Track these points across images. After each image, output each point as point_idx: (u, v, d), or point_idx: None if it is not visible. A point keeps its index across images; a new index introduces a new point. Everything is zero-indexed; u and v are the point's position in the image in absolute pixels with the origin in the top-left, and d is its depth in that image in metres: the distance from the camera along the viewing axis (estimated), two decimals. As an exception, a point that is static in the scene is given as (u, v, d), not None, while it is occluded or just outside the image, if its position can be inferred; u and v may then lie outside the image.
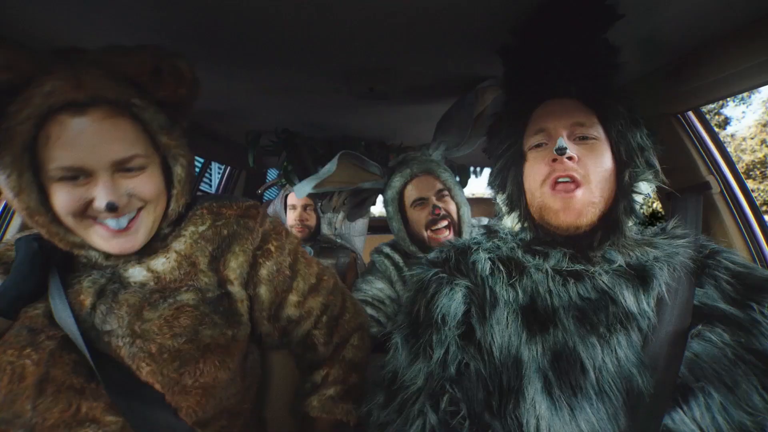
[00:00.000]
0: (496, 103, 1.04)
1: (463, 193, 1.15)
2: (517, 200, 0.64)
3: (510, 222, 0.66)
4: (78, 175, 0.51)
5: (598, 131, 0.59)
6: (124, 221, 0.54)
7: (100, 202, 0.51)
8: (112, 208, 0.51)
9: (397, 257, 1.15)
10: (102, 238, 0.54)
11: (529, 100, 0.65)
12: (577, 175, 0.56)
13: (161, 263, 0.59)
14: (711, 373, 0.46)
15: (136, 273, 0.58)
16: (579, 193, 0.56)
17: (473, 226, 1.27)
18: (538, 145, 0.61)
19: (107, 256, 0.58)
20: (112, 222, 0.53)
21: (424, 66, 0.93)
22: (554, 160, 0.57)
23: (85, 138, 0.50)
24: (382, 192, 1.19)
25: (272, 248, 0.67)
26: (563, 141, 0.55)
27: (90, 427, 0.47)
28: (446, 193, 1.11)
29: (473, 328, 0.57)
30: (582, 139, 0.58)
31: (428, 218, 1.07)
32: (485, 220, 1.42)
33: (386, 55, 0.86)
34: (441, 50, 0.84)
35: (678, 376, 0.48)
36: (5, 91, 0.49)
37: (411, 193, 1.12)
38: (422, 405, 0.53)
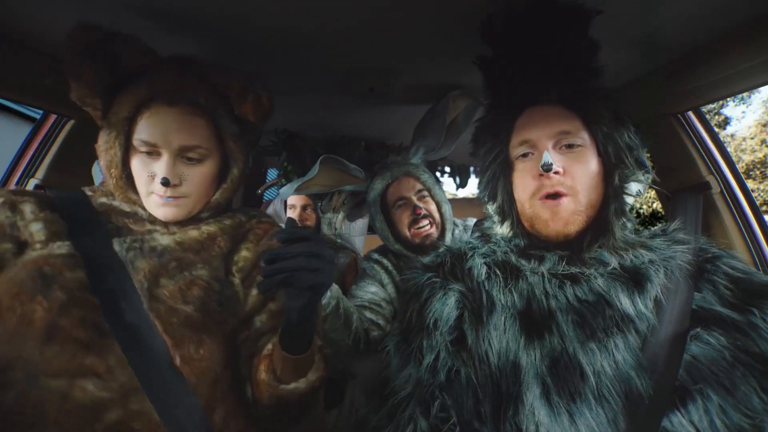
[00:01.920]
0: (469, 110, 1.06)
1: (443, 192, 1.19)
2: (509, 210, 0.63)
3: (503, 230, 0.66)
4: (151, 150, 0.63)
5: (583, 137, 0.58)
6: (171, 199, 0.65)
7: (159, 174, 0.63)
8: (165, 183, 0.62)
9: (386, 261, 1.18)
10: (155, 205, 0.65)
11: (511, 108, 0.64)
12: (564, 188, 0.56)
13: (187, 234, 0.67)
14: (709, 376, 0.46)
15: (161, 239, 0.65)
16: (565, 201, 0.56)
17: (456, 225, 1.28)
18: (524, 155, 0.61)
19: (132, 215, 0.67)
20: (162, 193, 0.64)
21: (424, 66, 0.93)
22: (541, 175, 0.57)
23: (165, 123, 0.62)
24: (365, 194, 1.24)
25: None
26: (548, 156, 0.55)
27: (91, 379, 0.49)
28: (426, 193, 1.15)
29: (465, 334, 0.57)
30: (568, 147, 0.58)
31: (410, 218, 1.12)
32: (471, 220, 1.41)
33: (386, 55, 0.85)
34: (440, 51, 0.84)
35: (677, 378, 0.48)
36: (133, 73, 0.64)
37: (392, 195, 1.17)
38: (412, 411, 0.53)
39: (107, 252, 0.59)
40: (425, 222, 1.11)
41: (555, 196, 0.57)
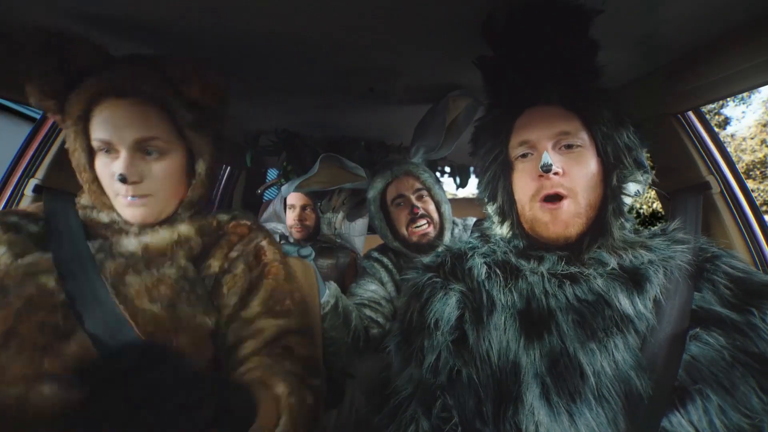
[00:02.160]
0: (469, 110, 1.07)
1: (443, 192, 1.20)
2: (509, 211, 0.63)
3: (503, 230, 0.66)
4: (109, 148, 0.61)
5: (582, 138, 0.58)
6: (135, 198, 0.63)
7: (116, 173, 0.60)
8: (123, 180, 0.60)
9: (385, 260, 1.19)
10: (123, 206, 0.64)
11: (510, 109, 0.64)
12: (563, 190, 0.56)
13: (157, 237, 0.65)
14: (708, 376, 0.46)
15: (128, 243, 0.64)
16: (565, 204, 0.56)
17: (456, 224, 1.29)
18: (524, 155, 0.61)
19: (110, 226, 0.66)
20: (125, 193, 0.62)
21: (424, 66, 0.92)
22: (541, 176, 0.57)
23: (117, 118, 0.61)
24: (365, 193, 1.25)
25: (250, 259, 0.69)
26: (548, 157, 0.55)
27: (47, 382, 0.48)
28: (425, 192, 1.16)
29: (466, 334, 0.57)
30: (567, 148, 0.58)
31: (408, 217, 1.13)
32: (471, 219, 1.42)
33: (386, 55, 0.85)
34: (440, 51, 0.84)
35: (676, 378, 0.48)
36: (79, 74, 0.62)
37: (392, 193, 1.18)
38: (414, 411, 0.54)
39: (81, 255, 0.59)
40: (423, 222, 1.12)
41: (555, 198, 0.57)
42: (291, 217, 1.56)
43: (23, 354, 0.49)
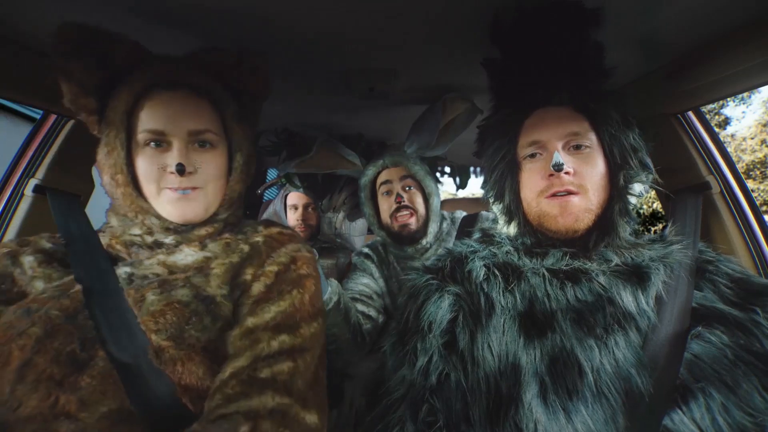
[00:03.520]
0: (469, 114, 1.07)
1: (434, 185, 1.20)
2: (516, 210, 0.64)
3: (510, 230, 0.66)
4: (160, 140, 0.60)
5: (591, 139, 0.59)
6: (188, 191, 0.61)
7: (172, 163, 0.59)
8: (180, 170, 0.58)
9: (375, 255, 1.22)
10: (169, 202, 0.61)
11: (520, 109, 0.64)
12: (573, 187, 0.57)
13: (182, 257, 0.62)
14: (711, 374, 0.46)
15: (153, 264, 0.60)
16: (575, 198, 0.57)
17: (444, 218, 1.30)
18: (532, 155, 0.61)
19: (137, 244, 0.63)
20: (177, 185, 0.60)
21: (424, 66, 0.92)
22: (551, 175, 0.57)
23: (169, 109, 0.60)
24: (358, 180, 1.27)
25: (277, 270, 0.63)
26: (559, 156, 0.56)
27: (64, 422, 0.46)
28: (413, 183, 1.18)
29: (456, 338, 0.57)
30: (576, 149, 0.59)
31: (392, 207, 1.15)
32: (460, 213, 1.41)
33: (386, 55, 0.85)
34: (441, 52, 0.84)
35: (677, 376, 0.48)
36: (122, 71, 0.61)
37: (381, 180, 1.20)
38: (402, 413, 0.54)
39: (107, 278, 0.57)
40: (405, 212, 1.14)
41: (564, 193, 0.57)
42: (293, 217, 1.56)
43: (39, 388, 0.47)
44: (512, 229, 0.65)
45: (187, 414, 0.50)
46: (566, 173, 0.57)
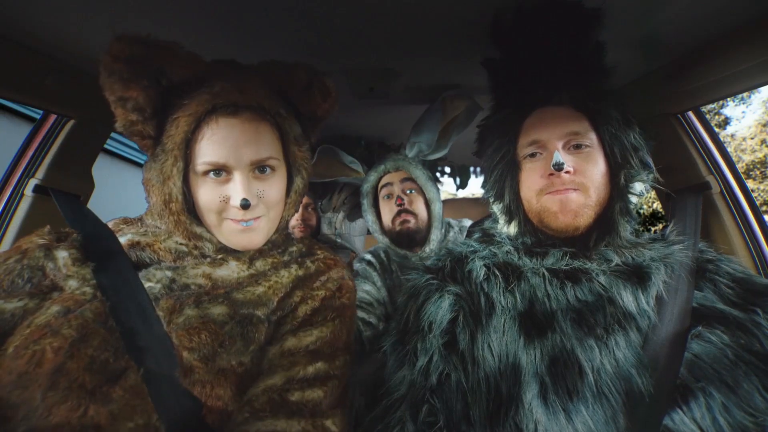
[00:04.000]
0: (470, 112, 1.06)
1: (437, 190, 1.19)
2: (516, 209, 0.64)
3: (510, 229, 0.66)
4: (220, 171, 0.55)
5: (591, 138, 0.59)
6: (251, 222, 0.58)
7: (236, 199, 0.55)
8: (245, 206, 0.55)
9: (377, 263, 1.19)
10: (232, 233, 0.58)
11: (520, 109, 0.64)
12: (574, 186, 0.57)
13: (228, 272, 0.59)
14: (712, 374, 0.46)
15: (197, 274, 0.58)
16: (574, 195, 0.57)
17: (452, 226, 1.29)
18: (532, 155, 0.61)
19: (186, 253, 0.60)
20: (240, 218, 0.57)
21: (424, 66, 0.92)
22: (551, 174, 0.57)
23: (230, 139, 0.55)
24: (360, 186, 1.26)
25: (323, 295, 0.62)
26: (560, 155, 0.56)
27: None
28: (414, 187, 1.16)
29: (457, 338, 0.57)
30: (576, 148, 0.59)
31: (394, 210, 1.14)
32: (467, 221, 1.41)
33: (386, 55, 0.85)
34: (441, 52, 0.84)
35: (678, 376, 0.48)
36: (181, 87, 0.55)
37: (382, 184, 1.19)
38: (403, 413, 0.54)
39: (130, 283, 0.54)
40: (407, 216, 1.13)
41: (564, 190, 0.57)
42: (294, 216, 1.56)
43: (70, 396, 0.45)
44: (512, 229, 0.65)
45: None
46: (566, 172, 0.57)
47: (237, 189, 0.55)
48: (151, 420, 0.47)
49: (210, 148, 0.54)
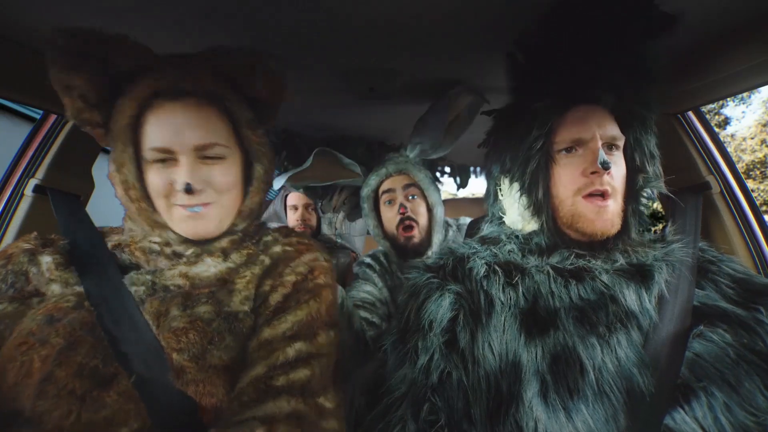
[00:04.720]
0: (473, 106, 1.05)
1: (438, 193, 1.18)
2: (545, 205, 0.61)
3: (529, 226, 0.64)
4: (166, 157, 0.56)
5: (622, 141, 0.60)
6: (198, 208, 0.58)
7: (179, 183, 0.55)
8: (188, 190, 0.55)
9: (376, 265, 1.19)
10: (181, 219, 0.58)
11: (561, 102, 0.61)
12: (610, 188, 0.57)
13: (204, 268, 0.59)
14: (713, 373, 0.46)
15: (174, 275, 0.58)
16: (610, 203, 0.57)
17: (450, 225, 1.28)
18: (567, 150, 0.59)
19: (156, 253, 0.60)
20: (186, 203, 0.57)
21: (424, 66, 0.92)
22: (593, 173, 0.57)
23: (174, 123, 0.55)
24: (360, 190, 1.24)
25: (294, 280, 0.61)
26: (604, 155, 0.55)
27: None
28: (417, 192, 1.14)
29: (457, 337, 0.57)
30: (609, 149, 0.59)
31: (396, 217, 1.12)
32: (465, 219, 1.41)
33: (386, 55, 0.85)
34: (441, 52, 0.84)
35: (679, 376, 0.48)
36: (125, 77, 0.56)
37: (383, 189, 1.17)
38: (404, 412, 0.54)
39: (118, 291, 0.54)
40: (410, 224, 1.11)
41: (600, 195, 0.57)
42: (294, 217, 1.56)
43: (60, 404, 0.45)
44: (532, 225, 0.64)
45: None
46: (608, 173, 0.57)
47: (181, 173, 0.56)
48: (146, 424, 0.47)
49: (154, 133, 0.55)
